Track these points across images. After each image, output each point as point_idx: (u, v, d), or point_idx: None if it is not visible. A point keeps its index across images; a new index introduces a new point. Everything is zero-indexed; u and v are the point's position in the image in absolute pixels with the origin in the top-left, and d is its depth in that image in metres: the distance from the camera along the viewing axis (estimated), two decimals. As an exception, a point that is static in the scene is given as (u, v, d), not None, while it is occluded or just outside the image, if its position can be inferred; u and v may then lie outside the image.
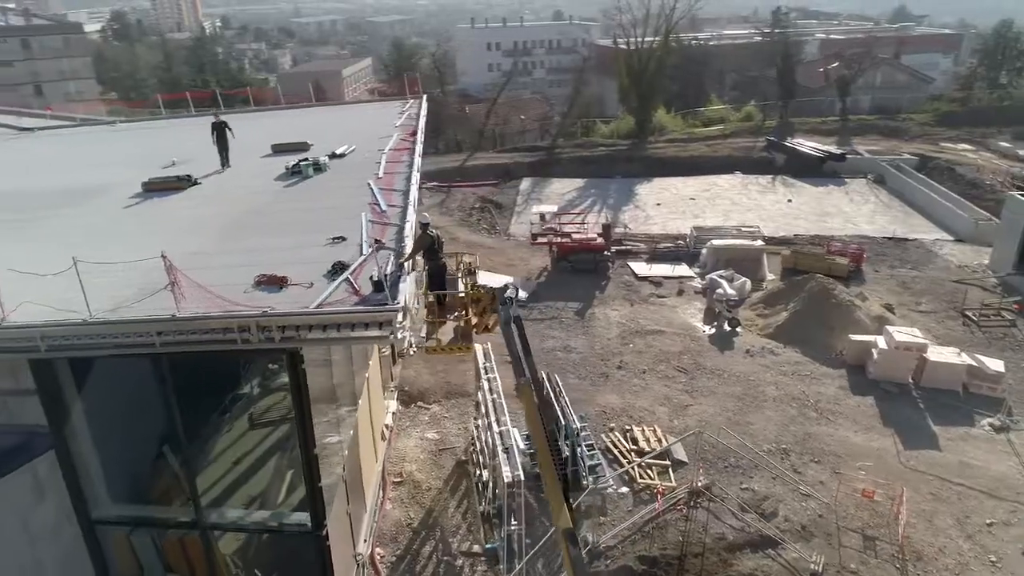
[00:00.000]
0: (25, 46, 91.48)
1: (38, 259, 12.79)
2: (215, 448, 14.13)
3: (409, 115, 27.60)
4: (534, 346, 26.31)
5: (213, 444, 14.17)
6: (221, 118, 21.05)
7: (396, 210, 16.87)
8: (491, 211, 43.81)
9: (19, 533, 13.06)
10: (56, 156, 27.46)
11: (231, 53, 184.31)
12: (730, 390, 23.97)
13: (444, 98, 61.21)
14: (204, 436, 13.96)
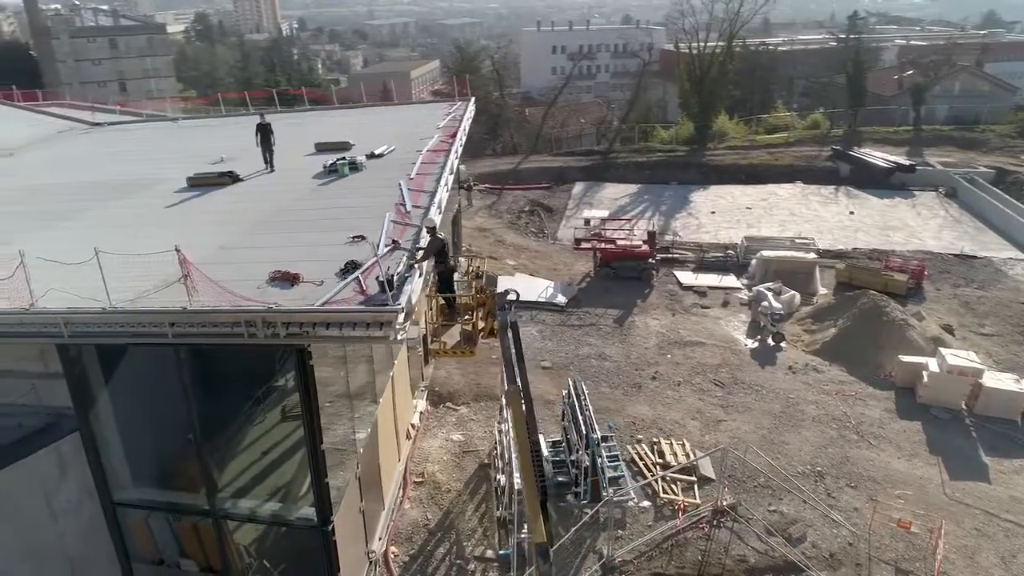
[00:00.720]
0: (112, 45, 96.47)
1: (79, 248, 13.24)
2: (237, 439, 14.37)
3: (454, 117, 27.75)
4: (569, 352, 26.36)
5: (237, 435, 14.41)
6: (266, 119, 21.24)
7: (420, 211, 16.83)
8: (540, 214, 43.68)
9: (43, 508, 13.65)
10: (117, 150, 28.76)
11: (306, 54, 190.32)
12: (767, 407, 23.14)
13: (502, 100, 61.34)
14: (228, 427, 14.21)
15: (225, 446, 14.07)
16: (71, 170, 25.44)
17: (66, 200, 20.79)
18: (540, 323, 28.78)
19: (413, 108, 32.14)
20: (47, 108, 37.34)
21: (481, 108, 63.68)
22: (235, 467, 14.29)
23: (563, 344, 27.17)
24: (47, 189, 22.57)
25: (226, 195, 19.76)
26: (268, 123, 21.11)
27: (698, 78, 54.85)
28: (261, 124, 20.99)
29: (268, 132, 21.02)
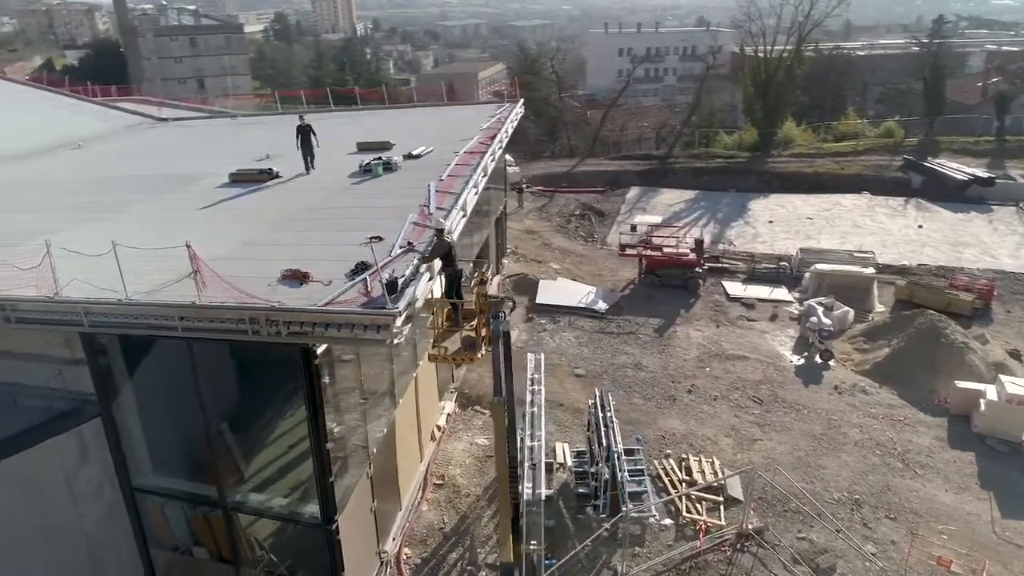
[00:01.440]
0: (193, 44, 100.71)
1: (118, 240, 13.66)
2: (249, 433, 14.59)
3: (499, 119, 27.59)
4: (604, 360, 25.85)
5: (249, 429, 14.62)
6: (305, 121, 21.07)
7: (442, 212, 16.73)
8: (591, 219, 43.14)
9: (64, 489, 14.17)
10: (175, 146, 29.83)
11: (378, 54, 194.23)
12: (807, 428, 22.11)
13: (561, 103, 60.94)
14: (240, 421, 14.44)
15: (237, 439, 14.27)
16: (128, 164, 26.52)
17: (117, 193, 21.64)
18: (578, 329, 28.35)
19: (462, 109, 32.17)
20: (119, 103, 39.05)
21: (540, 110, 63.70)
22: (245, 461, 14.48)
23: (599, 352, 26.67)
24: (102, 181, 23.57)
25: (262, 192, 20.17)
26: (308, 125, 20.92)
27: (763, 82, 53.16)
28: (301, 126, 20.88)
29: (308, 134, 20.90)
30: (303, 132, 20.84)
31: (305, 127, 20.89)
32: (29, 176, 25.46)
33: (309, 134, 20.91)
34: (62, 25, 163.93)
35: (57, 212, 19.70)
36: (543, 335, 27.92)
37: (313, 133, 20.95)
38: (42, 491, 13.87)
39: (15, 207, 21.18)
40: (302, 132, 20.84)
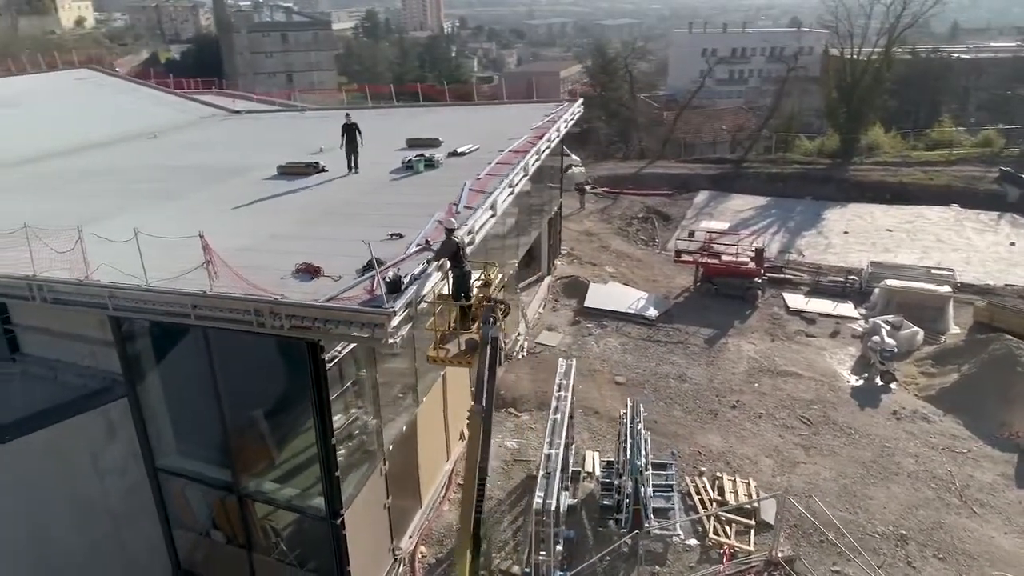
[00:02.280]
0: (283, 40, 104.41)
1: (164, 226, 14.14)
2: (262, 423, 14.77)
3: (553, 117, 27.20)
4: (647, 369, 25.11)
5: (262, 420, 14.78)
6: (351, 120, 20.48)
7: (470, 211, 16.52)
8: (654, 222, 42.10)
9: (90, 465, 14.77)
10: (239, 137, 30.83)
11: (463, 51, 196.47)
12: (857, 454, 20.77)
13: (634, 103, 59.80)
14: (254, 411, 14.64)
15: (251, 429, 14.49)
16: (191, 154, 27.58)
17: (172, 181, 22.50)
18: (624, 336, 27.65)
19: (520, 107, 31.83)
20: (196, 96, 40.81)
21: (614, 111, 62.81)
22: (258, 450, 14.70)
23: (643, 360, 25.92)
24: (163, 170, 24.60)
25: (304, 185, 20.51)
26: (354, 123, 20.37)
27: (848, 86, 50.56)
28: (347, 124, 20.33)
29: (354, 133, 20.41)
30: (348, 131, 20.40)
31: (350, 126, 20.39)
32: (103, 163, 26.83)
33: (354, 133, 20.42)
34: (168, 21, 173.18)
35: (113, 199, 20.64)
36: (587, 339, 27.38)
37: (358, 132, 20.48)
38: (70, 464, 14.47)
39: (80, 192, 22.40)
40: (347, 131, 20.40)
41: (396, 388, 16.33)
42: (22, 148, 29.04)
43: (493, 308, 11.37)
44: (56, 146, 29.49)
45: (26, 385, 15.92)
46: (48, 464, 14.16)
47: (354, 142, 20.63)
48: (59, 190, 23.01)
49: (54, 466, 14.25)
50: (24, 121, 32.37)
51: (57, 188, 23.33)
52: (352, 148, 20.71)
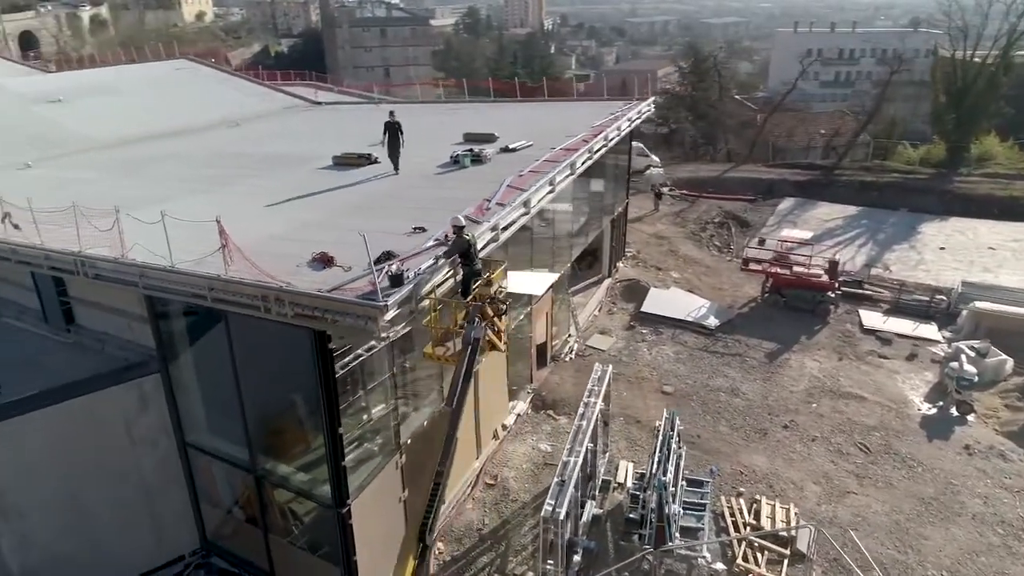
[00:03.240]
0: (383, 35, 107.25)
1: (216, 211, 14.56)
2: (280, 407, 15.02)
3: (616, 115, 26.52)
4: (698, 381, 24.13)
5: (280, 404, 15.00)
6: (394, 118, 19.74)
7: (500, 208, 16.23)
8: (730, 228, 40.42)
9: (123, 435, 15.47)
10: (311, 127, 31.71)
11: (562, 49, 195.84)
12: (916, 488, 19.13)
13: (722, 104, 57.62)
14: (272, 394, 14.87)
15: (266, 412, 14.74)
16: (266, 142, 28.58)
17: (235, 168, 23.39)
18: (680, 344, 26.64)
19: (590, 105, 31.14)
20: (283, 87, 42.38)
21: (702, 112, 60.76)
22: (272, 433, 14.98)
23: (696, 371, 24.88)
24: (231, 157, 25.64)
25: (352, 176, 20.80)
26: (397, 122, 19.66)
27: (958, 91, 46.86)
28: (389, 123, 19.64)
29: (396, 132, 19.76)
30: (390, 129, 19.71)
31: (393, 124, 19.67)
32: (182, 148, 28.23)
33: (397, 132, 19.76)
34: (282, 16, 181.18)
35: (177, 183, 21.63)
36: (640, 345, 26.55)
37: (400, 131, 19.83)
38: (105, 432, 15.18)
39: (152, 175, 23.63)
40: (389, 129, 19.71)
41: (415, 383, 16.25)
42: (116, 132, 31.08)
43: (481, 308, 11.03)
44: (145, 131, 31.35)
45: (77, 354, 16.92)
46: (85, 430, 14.91)
47: (396, 142, 19.95)
48: (135, 172, 24.39)
49: (90, 432, 14.99)
50: (122, 107, 34.57)
51: (134, 171, 24.72)
52: (394, 148, 20.11)
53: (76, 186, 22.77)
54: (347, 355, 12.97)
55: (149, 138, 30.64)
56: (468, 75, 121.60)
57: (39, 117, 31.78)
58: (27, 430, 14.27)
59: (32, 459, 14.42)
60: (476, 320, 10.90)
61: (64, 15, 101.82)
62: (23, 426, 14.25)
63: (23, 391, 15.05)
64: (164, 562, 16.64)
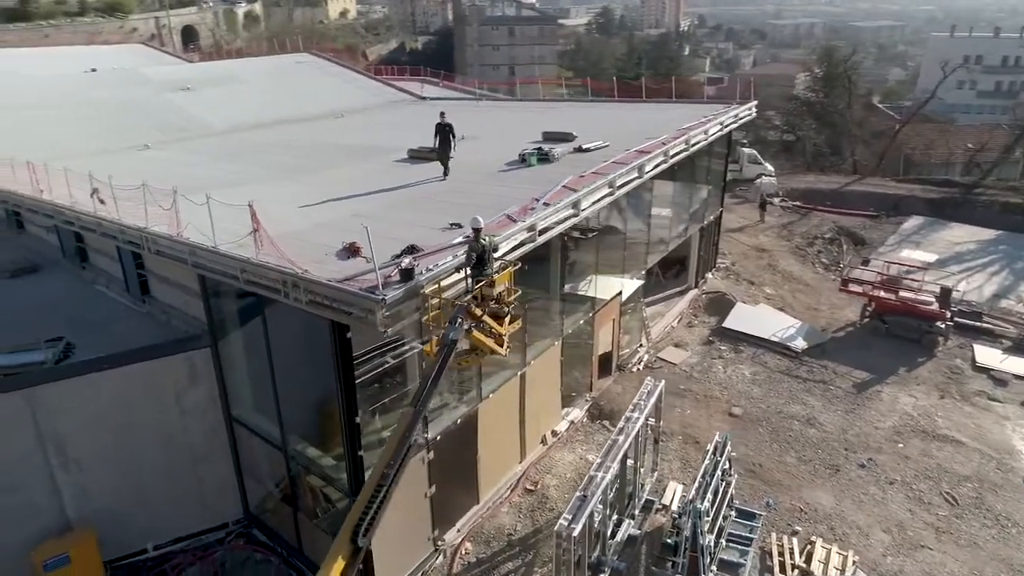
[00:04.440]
0: (511, 33, 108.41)
1: (281, 195, 15.24)
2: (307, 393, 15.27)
3: (709, 119, 25.22)
4: (772, 406, 22.63)
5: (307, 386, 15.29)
6: (445, 119, 18.81)
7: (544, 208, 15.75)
8: (842, 245, 37.54)
9: (174, 404, 16.35)
10: (407, 121, 32.39)
11: (696, 51, 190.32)
12: (1006, 552, 16.83)
13: (851, 112, 53.54)
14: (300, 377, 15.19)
15: (294, 395, 15.03)
16: (358, 133, 29.52)
17: (319, 158, 24.25)
18: (759, 364, 24.98)
19: (689, 107, 29.64)
20: (393, 81, 43.68)
21: (829, 120, 56.89)
22: (300, 416, 15.31)
23: (771, 394, 23.24)
24: (325, 146, 26.63)
25: (420, 169, 20.96)
26: (448, 124, 18.69)
27: None
28: (440, 124, 18.69)
29: (448, 134, 18.84)
30: (441, 131, 18.77)
31: (444, 126, 18.69)
32: (282, 137, 29.67)
33: (448, 134, 18.83)
34: (421, 14, 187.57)
35: (262, 169, 22.75)
36: (715, 362, 25.15)
37: (452, 134, 18.90)
38: (159, 399, 16.10)
39: (245, 160, 24.99)
40: (440, 132, 18.78)
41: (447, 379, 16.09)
42: (231, 119, 33.19)
43: (467, 308, 10.62)
44: (257, 120, 33.27)
45: (146, 323, 18.14)
46: (141, 394, 15.86)
47: (447, 144, 19.02)
48: (234, 158, 25.87)
49: (145, 397, 15.93)
50: (241, 97, 36.87)
51: (235, 156, 26.24)
52: (445, 150, 19.13)
53: (179, 168, 24.53)
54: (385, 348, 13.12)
55: (259, 126, 32.45)
56: (595, 75, 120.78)
57: (167, 103, 34.46)
58: (90, 389, 15.35)
59: (94, 417, 15.49)
60: (458, 321, 10.52)
61: (222, 11, 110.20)
62: (87, 385, 15.35)
63: (94, 353, 16.33)
64: (209, 527, 17.46)
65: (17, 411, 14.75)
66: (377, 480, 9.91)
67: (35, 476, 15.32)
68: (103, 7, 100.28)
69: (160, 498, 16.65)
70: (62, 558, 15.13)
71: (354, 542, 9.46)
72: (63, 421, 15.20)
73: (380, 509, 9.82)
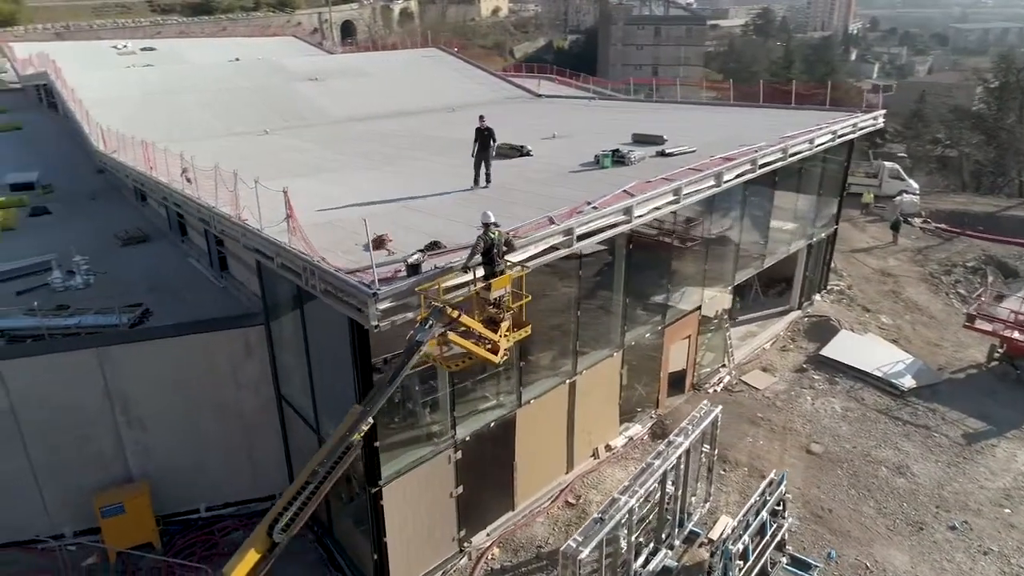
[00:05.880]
0: (656, 33, 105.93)
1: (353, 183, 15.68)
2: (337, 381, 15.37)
3: (814, 127, 23.18)
4: (859, 447, 20.74)
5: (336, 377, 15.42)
6: (484, 124, 17.54)
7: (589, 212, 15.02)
8: (986, 276, 33.33)
9: (230, 376, 17.19)
10: (510, 117, 32.28)
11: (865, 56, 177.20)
12: (1116, 656, 14.17)
13: (1021, 127, 47.32)
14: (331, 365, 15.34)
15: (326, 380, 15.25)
16: (458, 128, 29.60)
17: (409, 150, 24.67)
18: (854, 400, 22.64)
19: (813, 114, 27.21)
20: (512, 78, 43.80)
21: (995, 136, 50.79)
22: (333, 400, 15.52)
23: (861, 434, 20.99)
24: (421, 139, 27.17)
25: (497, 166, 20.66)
26: (487, 129, 17.45)
27: None
28: (479, 128, 17.51)
29: (487, 140, 17.56)
30: (480, 137, 17.52)
31: (483, 131, 17.43)
32: (388, 128, 30.56)
33: (488, 141, 17.55)
34: (574, 12, 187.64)
35: (358, 158, 23.57)
36: (804, 392, 23.09)
37: (493, 140, 17.61)
38: (216, 369, 16.99)
39: (344, 150, 25.99)
40: (480, 137, 17.51)
41: (480, 382, 15.80)
42: (348, 110, 34.71)
43: (442, 310, 10.15)
44: (372, 111, 34.59)
45: (220, 297, 19.24)
46: (200, 364, 16.80)
47: (485, 151, 17.69)
48: (338, 146, 27.01)
49: (204, 367, 16.86)
50: (364, 89, 38.48)
51: (339, 144, 27.38)
52: (483, 157, 17.80)
53: (284, 152, 25.94)
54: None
55: (372, 117, 33.65)
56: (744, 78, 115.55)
57: (294, 92, 36.59)
58: (153, 354, 16.48)
59: (156, 379, 16.61)
60: (429, 323, 10.09)
61: (379, 7, 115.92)
62: (151, 350, 16.49)
63: (169, 320, 17.57)
64: (256, 497, 18.25)
65: (89, 367, 16.08)
66: (305, 477, 9.75)
67: (104, 429, 16.66)
68: (275, 3, 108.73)
69: (214, 464, 17.61)
70: (117, 507, 16.39)
71: (271, 535, 9.36)
72: (129, 381, 16.41)
73: (306, 506, 9.61)
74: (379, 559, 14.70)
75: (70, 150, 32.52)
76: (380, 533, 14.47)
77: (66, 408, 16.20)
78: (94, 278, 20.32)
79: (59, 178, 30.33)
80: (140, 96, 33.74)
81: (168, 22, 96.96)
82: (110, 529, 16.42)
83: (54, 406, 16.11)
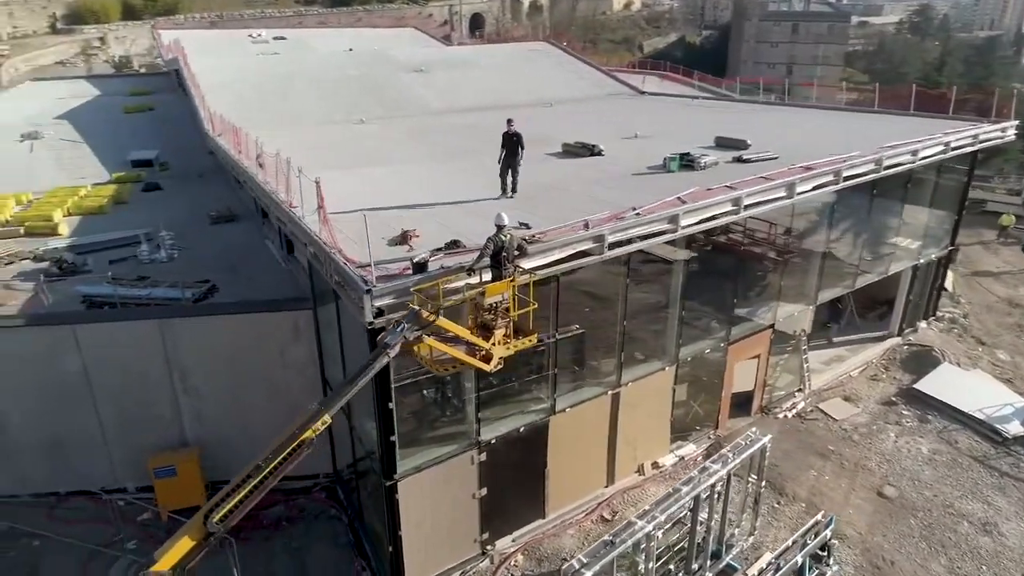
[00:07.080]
0: (793, 30, 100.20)
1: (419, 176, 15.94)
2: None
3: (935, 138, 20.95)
4: (941, 496, 19.13)
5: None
6: (512, 128, 16.43)
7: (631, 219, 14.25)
8: None
9: (279, 357, 17.79)
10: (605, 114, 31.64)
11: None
12: None
13: None
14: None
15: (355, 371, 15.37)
16: (545, 124, 29.13)
17: (477, 143, 24.42)
18: (945, 443, 20.33)
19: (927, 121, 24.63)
20: (618, 73, 42.73)
21: None
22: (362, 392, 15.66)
23: (945, 482, 18.81)
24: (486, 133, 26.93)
25: (563, 164, 20.34)
26: (516, 133, 16.36)
27: None
28: (506, 133, 16.41)
29: (515, 146, 16.49)
30: (507, 142, 16.49)
31: (511, 135, 16.36)
32: (478, 122, 30.38)
33: (516, 146, 16.47)
34: (711, 7, 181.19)
35: (432, 148, 23.78)
36: (888, 428, 21.00)
37: (521, 147, 16.50)
38: (266, 348, 17.62)
39: (424, 141, 26.40)
40: (507, 142, 16.49)
41: (509, 385, 15.43)
42: (445, 102, 35.11)
43: (417, 313, 9.77)
44: (469, 104, 34.79)
45: (282, 279, 19.92)
46: (251, 341, 17.51)
47: (514, 156, 16.62)
48: (419, 137, 27.44)
49: (255, 345, 17.55)
50: (465, 82, 38.72)
51: (421, 136, 27.82)
52: (510, 163, 16.71)
53: (367, 141, 26.65)
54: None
55: (468, 110, 33.79)
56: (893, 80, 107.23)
57: (397, 82, 37.44)
58: (209, 328, 17.37)
59: (211, 353, 17.50)
60: (402, 326, 9.74)
61: (508, 0, 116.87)
62: (207, 324, 17.40)
63: (232, 298, 18.47)
64: (300, 475, 18.81)
65: (151, 336, 17.15)
66: (248, 471, 9.73)
67: (164, 395, 17.74)
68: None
69: (260, 438, 18.24)
70: (170, 469, 17.41)
71: (207, 525, 9.39)
72: (186, 352, 17.38)
73: (246, 500, 9.58)
74: (394, 552, 14.73)
75: (190, 131, 34.97)
76: (395, 527, 14.50)
77: (131, 372, 17.39)
78: (178, 253, 21.68)
79: (176, 157, 32.69)
80: (254, 82, 35.68)
81: (309, 12, 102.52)
82: (162, 490, 17.46)
83: (121, 369, 17.34)
